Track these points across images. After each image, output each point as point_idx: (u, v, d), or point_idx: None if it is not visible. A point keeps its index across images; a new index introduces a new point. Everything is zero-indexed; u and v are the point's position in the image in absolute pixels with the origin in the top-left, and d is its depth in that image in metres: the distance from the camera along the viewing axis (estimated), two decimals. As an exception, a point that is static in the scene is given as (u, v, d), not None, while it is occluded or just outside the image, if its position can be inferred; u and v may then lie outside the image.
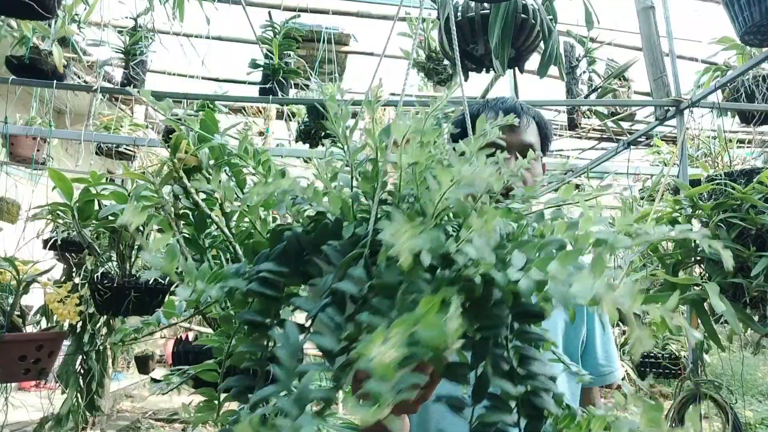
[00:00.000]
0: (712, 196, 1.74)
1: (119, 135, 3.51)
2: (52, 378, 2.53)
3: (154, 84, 3.99)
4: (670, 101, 2.35)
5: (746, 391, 5.92)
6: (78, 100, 4.10)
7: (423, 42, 3.35)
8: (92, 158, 3.09)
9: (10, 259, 2.00)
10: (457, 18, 1.61)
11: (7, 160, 3.28)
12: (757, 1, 1.75)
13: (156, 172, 2.06)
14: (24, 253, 2.21)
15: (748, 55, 2.84)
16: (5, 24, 2.81)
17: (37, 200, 2.23)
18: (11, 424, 3.30)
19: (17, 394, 2.88)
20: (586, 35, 3.37)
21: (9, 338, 1.86)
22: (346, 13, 3.89)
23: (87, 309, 2.35)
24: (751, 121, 3.03)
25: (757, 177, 1.65)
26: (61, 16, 2.82)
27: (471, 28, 1.60)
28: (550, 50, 1.69)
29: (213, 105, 3.42)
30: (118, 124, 3.65)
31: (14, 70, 2.68)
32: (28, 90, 3.10)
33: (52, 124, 2.62)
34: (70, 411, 2.42)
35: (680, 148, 2.21)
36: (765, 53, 2.07)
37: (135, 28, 3.18)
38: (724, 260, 0.33)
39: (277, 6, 3.52)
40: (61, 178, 1.88)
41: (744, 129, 3.71)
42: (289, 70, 3.10)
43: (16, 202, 3.51)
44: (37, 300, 2.39)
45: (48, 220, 2.18)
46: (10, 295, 1.98)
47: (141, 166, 3.18)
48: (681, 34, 3.72)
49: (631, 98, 3.50)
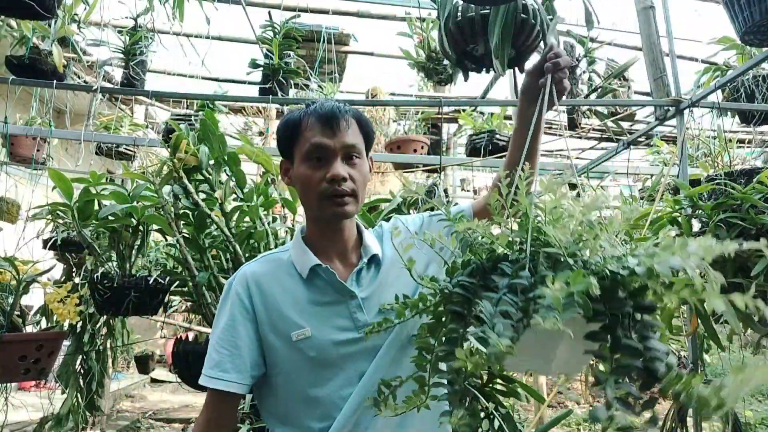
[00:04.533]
0: (712, 196, 1.74)
1: (119, 135, 3.51)
2: (52, 378, 2.53)
3: (154, 84, 3.99)
4: (670, 101, 2.35)
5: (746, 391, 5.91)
6: (78, 100, 4.10)
7: (423, 42, 3.35)
8: (92, 158, 3.09)
9: (10, 259, 2.00)
10: (457, 18, 1.61)
11: (7, 160, 3.28)
12: (757, 1, 1.75)
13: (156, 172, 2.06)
14: (24, 253, 2.21)
15: (748, 55, 2.84)
16: (5, 24, 2.81)
17: (37, 200, 2.23)
18: (11, 424, 3.30)
19: (17, 394, 2.88)
20: (586, 35, 3.37)
21: (9, 338, 1.86)
22: (346, 13, 3.89)
23: (87, 309, 2.35)
24: (751, 121, 3.02)
25: (757, 177, 1.65)
26: (61, 16, 2.82)
27: (471, 28, 1.60)
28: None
29: (213, 105, 3.42)
30: (118, 124, 3.65)
31: (14, 70, 2.69)
32: (28, 90, 3.10)
33: (52, 124, 2.62)
34: (70, 411, 2.42)
35: (680, 148, 2.21)
36: (765, 53, 2.07)
37: (135, 28, 3.18)
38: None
39: (277, 6, 3.52)
40: (61, 178, 1.88)
41: (744, 129, 3.71)
42: (289, 70, 3.10)
43: (16, 202, 3.51)
44: (37, 300, 2.39)
45: (48, 220, 2.19)
46: (10, 295, 1.98)
47: (141, 166, 3.18)
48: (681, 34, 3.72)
49: (631, 98, 3.50)
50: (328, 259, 1.01)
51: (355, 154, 0.99)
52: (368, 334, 0.83)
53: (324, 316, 0.97)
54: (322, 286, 0.99)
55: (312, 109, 0.98)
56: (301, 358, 0.95)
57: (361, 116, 1.02)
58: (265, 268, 1.03)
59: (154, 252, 2.19)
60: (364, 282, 1.02)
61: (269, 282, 1.00)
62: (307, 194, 0.98)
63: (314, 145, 0.96)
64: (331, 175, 0.94)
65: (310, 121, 0.97)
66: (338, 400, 0.94)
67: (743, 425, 1.91)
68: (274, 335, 0.97)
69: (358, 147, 0.99)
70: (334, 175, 0.94)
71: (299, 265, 1.00)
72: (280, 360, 0.96)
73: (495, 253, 0.68)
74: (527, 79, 1.01)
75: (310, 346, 0.94)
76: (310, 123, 0.97)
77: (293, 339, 0.95)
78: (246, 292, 0.99)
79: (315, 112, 0.98)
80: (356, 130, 1.00)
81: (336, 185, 0.95)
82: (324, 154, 0.96)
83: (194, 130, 1.91)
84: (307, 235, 1.05)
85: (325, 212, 0.97)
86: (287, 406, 0.98)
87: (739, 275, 1.62)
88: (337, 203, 0.96)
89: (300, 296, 0.98)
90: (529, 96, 1.00)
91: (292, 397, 0.97)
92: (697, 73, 3.16)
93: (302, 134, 0.97)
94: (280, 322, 0.96)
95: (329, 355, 0.95)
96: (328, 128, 0.96)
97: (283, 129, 1.01)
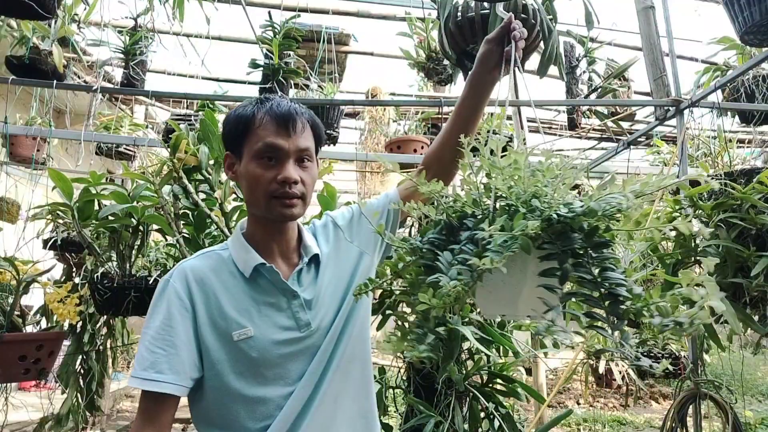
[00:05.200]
0: (712, 196, 1.74)
1: (119, 135, 3.50)
2: (52, 378, 2.53)
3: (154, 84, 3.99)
4: (670, 101, 2.35)
5: (746, 391, 5.92)
6: (78, 100, 4.10)
7: (423, 42, 3.35)
8: (92, 158, 3.09)
9: (10, 259, 2.00)
10: (457, 18, 1.61)
11: (7, 160, 3.28)
12: (757, 1, 1.75)
13: (156, 172, 2.06)
14: (24, 253, 2.21)
15: (748, 55, 2.84)
16: (5, 24, 2.81)
17: (37, 200, 2.23)
18: (11, 424, 3.30)
19: (17, 394, 2.88)
20: (586, 35, 3.37)
21: (9, 338, 1.86)
22: (346, 13, 3.89)
23: (87, 309, 2.35)
24: (751, 121, 3.02)
25: (757, 177, 1.65)
26: (61, 16, 2.82)
27: (471, 28, 1.60)
28: (550, 50, 1.69)
29: (213, 105, 3.42)
30: (118, 124, 3.65)
31: (14, 70, 2.68)
32: (28, 90, 3.10)
33: (52, 124, 2.62)
34: (70, 411, 2.42)
35: (680, 148, 2.21)
36: (765, 53, 2.07)
37: (135, 28, 3.18)
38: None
39: (277, 6, 3.52)
40: (61, 178, 1.88)
41: (744, 129, 3.71)
42: (289, 70, 3.10)
43: (16, 202, 3.51)
44: (37, 300, 2.39)
45: (48, 220, 2.18)
46: (10, 295, 1.98)
47: (141, 166, 3.17)
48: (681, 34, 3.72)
49: (631, 98, 3.50)
50: (271, 258, 1.00)
51: (307, 157, 0.99)
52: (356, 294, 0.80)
53: (266, 316, 0.96)
54: (265, 285, 0.98)
55: (268, 107, 0.97)
56: (242, 358, 0.93)
57: (314, 119, 1.02)
58: (206, 264, 1.00)
59: (154, 252, 2.18)
60: (305, 281, 1.02)
61: (210, 279, 0.97)
62: (254, 192, 0.96)
63: (268, 145, 0.94)
64: (283, 177, 0.94)
65: (265, 120, 0.96)
66: (279, 399, 0.93)
67: (743, 425, 1.91)
68: (213, 334, 0.94)
69: (310, 150, 0.99)
70: (286, 178, 0.94)
71: (241, 264, 0.98)
72: (219, 360, 0.93)
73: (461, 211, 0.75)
74: (487, 47, 1.04)
75: (252, 346, 0.93)
76: (265, 121, 0.96)
77: (234, 338, 0.92)
78: (185, 289, 0.95)
79: (271, 110, 0.96)
80: (309, 133, 1.00)
81: (287, 187, 0.94)
82: (277, 154, 0.95)
83: (194, 130, 1.91)
84: (248, 232, 1.03)
85: (271, 212, 0.96)
86: (224, 408, 0.95)
87: (739, 275, 1.62)
88: (285, 204, 0.95)
89: (242, 295, 0.96)
90: (489, 64, 1.04)
91: (230, 398, 0.93)
92: (697, 73, 3.16)
93: (255, 131, 0.96)
94: (220, 320, 0.94)
95: (270, 354, 0.94)
96: (283, 129, 0.96)
97: (234, 123, 0.98)
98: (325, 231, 1.12)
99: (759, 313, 1.66)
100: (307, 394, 0.95)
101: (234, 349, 0.93)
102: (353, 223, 1.13)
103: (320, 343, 0.98)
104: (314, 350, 0.98)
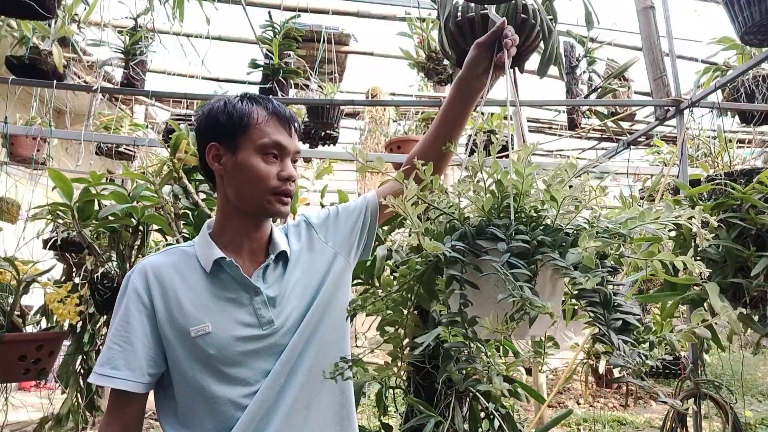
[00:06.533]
0: (712, 196, 1.74)
1: (119, 135, 3.51)
2: (52, 378, 2.53)
3: (154, 84, 4.00)
4: (670, 101, 2.35)
5: (746, 391, 5.92)
6: (78, 100, 4.10)
7: (423, 42, 3.35)
8: (92, 158, 3.09)
9: (10, 259, 2.00)
10: (457, 18, 1.61)
11: (7, 160, 3.28)
12: (757, 1, 1.75)
13: (156, 172, 2.06)
14: (24, 253, 2.21)
15: (748, 55, 2.84)
16: (5, 24, 2.81)
17: (37, 200, 2.23)
18: (11, 424, 3.30)
19: (17, 394, 2.88)
20: (586, 35, 3.37)
21: (9, 338, 1.86)
22: (346, 13, 3.89)
23: (87, 309, 2.35)
24: (751, 121, 3.02)
25: (757, 177, 1.65)
26: (61, 16, 2.82)
27: (471, 28, 1.60)
28: (550, 50, 1.69)
29: (213, 105, 3.41)
30: (118, 124, 3.65)
31: (14, 70, 2.68)
32: (28, 90, 3.09)
33: (52, 124, 2.62)
34: (70, 411, 2.42)
35: (680, 148, 2.21)
36: (765, 53, 2.07)
37: (135, 28, 3.18)
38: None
39: (277, 6, 3.52)
40: (61, 178, 1.88)
41: (744, 129, 3.71)
42: (289, 70, 3.10)
43: (16, 202, 3.51)
44: (37, 300, 2.39)
45: (48, 220, 2.18)
46: (10, 295, 1.98)
47: (141, 166, 3.18)
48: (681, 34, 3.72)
49: (631, 98, 3.50)
50: (236, 254, 1.00)
51: (298, 159, 1.03)
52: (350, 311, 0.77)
53: (226, 311, 0.95)
54: (226, 281, 0.97)
55: (271, 106, 1.00)
56: (201, 355, 0.92)
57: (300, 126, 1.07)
58: (167, 260, 0.99)
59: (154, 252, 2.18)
60: (270, 278, 1.01)
61: (170, 274, 0.96)
62: (254, 186, 0.96)
63: (275, 142, 0.97)
64: (289, 174, 0.97)
65: (269, 117, 0.98)
66: (240, 399, 0.92)
67: (743, 425, 1.91)
68: (172, 331, 0.93)
69: (300, 152, 1.04)
70: (290, 175, 0.98)
71: (203, 259, 0.98)
72: (179, 357, 0.92)
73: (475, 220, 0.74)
74: (476, 51, 1.04)
75: (210, 343, 0.92)
76: (270, 119, 0.98)
77: (192, 334, 0.91)
78: (144, 285, 0.95)
79: (275, 110, 0.99)
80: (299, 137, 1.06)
81: (288, 185, 0.98)
82: (281, 152, 0.98)
83: (194, 130, 1.90)
84: (215, 230, 1.03)
85: (269, 208, 0.97)
86: (187, 407, 0.94)
87: (739, 275, 1.62)
88: (283, 201, 0.98)
89: (201, 290, 0.96)
90: (477, 69, 1.04)
91: (192, 397, 0.93)
92: (697, 73, 3.16)
93: (259, 126, 0.97)
94: (179, 316, 0.93)
95: (229, 351, 0.92)
96: (286, 129, 1.00)
97: (228, 116, 0.98)
98: (297, 230, 1.12)
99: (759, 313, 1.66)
100: (272, 395, 0.93)
101: (192, 345, 0.92)
102: (329, 224, 1.13)
103: (285, 342, 0.96)
104: (279, 349, 0.96)
